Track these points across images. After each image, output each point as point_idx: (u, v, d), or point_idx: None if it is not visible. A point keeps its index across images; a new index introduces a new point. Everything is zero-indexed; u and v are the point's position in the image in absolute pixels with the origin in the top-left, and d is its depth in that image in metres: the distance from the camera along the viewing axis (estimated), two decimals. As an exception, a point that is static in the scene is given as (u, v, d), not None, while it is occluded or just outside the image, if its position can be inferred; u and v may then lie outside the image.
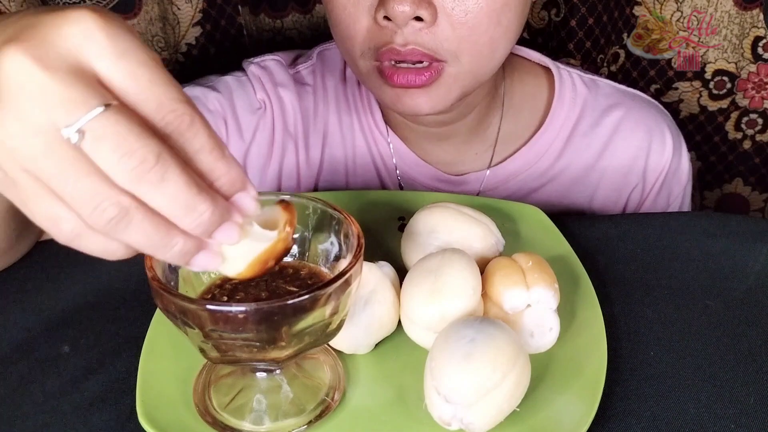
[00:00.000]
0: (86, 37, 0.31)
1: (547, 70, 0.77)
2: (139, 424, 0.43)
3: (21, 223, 0.55)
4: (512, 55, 0.77)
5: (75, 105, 0.30)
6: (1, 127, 0.31)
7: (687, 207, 0.82)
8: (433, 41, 0.58)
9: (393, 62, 0.60)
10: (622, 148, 0.76)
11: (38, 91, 0.30)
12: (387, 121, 0.75)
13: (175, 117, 0.32)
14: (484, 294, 0.49)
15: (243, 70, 0.75)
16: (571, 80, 0.76)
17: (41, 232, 0.61)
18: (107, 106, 0.30)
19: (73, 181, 0.31)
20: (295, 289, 0.45)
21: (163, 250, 0.33)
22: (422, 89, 0.61)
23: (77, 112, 0.30)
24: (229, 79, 0.73)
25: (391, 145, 0.75)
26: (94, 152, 0.30)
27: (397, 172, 0.76)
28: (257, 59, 0.75)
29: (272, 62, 0.75)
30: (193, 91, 0.70)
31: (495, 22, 0.59)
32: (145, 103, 0.31)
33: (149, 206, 0.32)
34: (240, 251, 0.36)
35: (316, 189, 0.76)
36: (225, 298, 0.44)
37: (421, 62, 0.59)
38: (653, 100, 0.80)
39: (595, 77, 0.79)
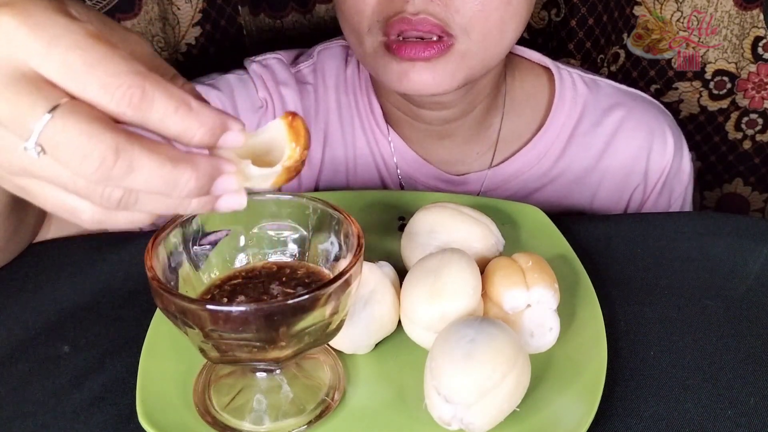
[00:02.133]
0: (9, 40, 0.29)
1: (548, 70, 0.77)
2: (139, 424, 0.43)
3: (15, 222, 0.55)
4: (513, 55, 0.77)
5: (23, 119, 0.29)
6: None
7: (688, 207, 0.82)
8: (445, 12, 0.58)
9: (401, 38, 0.59)
10: (624, 148, 0.76)
11: None
12: (388, 120, 0.75)
13: (123, 93, 0.29)
14: (484, 294, 0.49)
15: (245, 68, 0.75)
16: (571, 80, 0.76)
17: (35, 233, 0.61)
18: (54, 108, 0.29)
19: (70, 179, 0.31)
20: (292, 290, 0.45)
21: (182, 209, 0.33)
22: (429, 64, 0.60)
23: (28, 127, 0.29)
24: (231, 78, 0.73)
25: (391, 144, 0.75)
26: (58, 160, 0.30)
27: (398, 171, 0.76)
28: (259, 58, 0.75)
29: (274, 61, 0.75)
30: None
31: (505, 2, 0.59)
32: (87, 89, 0.29)
33: None
34: (258, 174, 0.35)
35: (316, 188, 0.76)
36: (225, 299, 0.44)
37: (431, 36, 0.59)
38: (654, 100, 0.80)
39: (596, 77, 0.79)
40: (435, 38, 0.59)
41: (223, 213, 0.35)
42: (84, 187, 0.31)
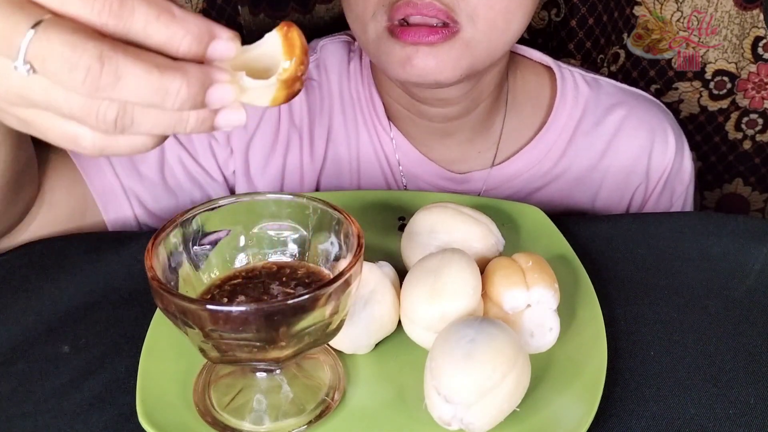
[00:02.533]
0: None
1: (549, 69, 0.77)
2: (139, 424, 0.43)
3: (13, 184, 0.55)
4: (515, 54, 0.77)
5: (10, 36, 0.29)
6: None
7: (689, 207, 0.82)
8: None
9: (406, 22, 0.59)
10: (625, 147, 0.76)
11: None
12: (390, 117, 0.75)
13: (102, 4, 0.29)
14: (484, 294, 0.49)
15: None
16: (573, 79, 0.76)
17: (33, 199, 0.61)
18: (37, 24, 0.29)
19: (63, 101, 0.30)
20: (292, 290, 0.45)
21: (180, 126, 0.32)
22: (432, 49, 0.59)
23: (15, 43, 0.29)
24: None
25: (394, 141, 0.75)
26: (47, 76, 0.30)
27: (401, 168, 0.75)
28: None
29: None
30: None
31: None
32: (67, 3, 0.29)
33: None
34: (256, 87, 0.34)
35: (318, 186, 0.76)
36: (225, 299, 0.44)
37: (436, 22, 0.58)
38: (656, 99, 0.80)
39: (597, 76, 0.79)
40: (440, 24, 0.59)
41: (224, 128, 0.33)
42: (79, 109, 0.31)
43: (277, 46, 0.34)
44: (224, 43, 0.32)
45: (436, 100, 0.69)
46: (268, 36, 0.34)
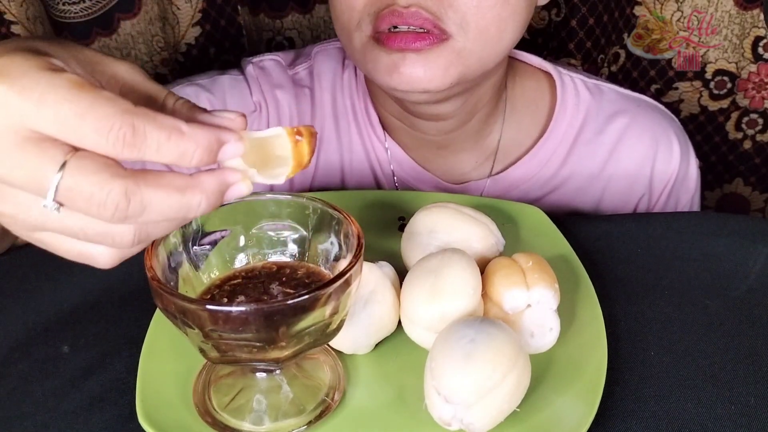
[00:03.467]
0: (3, 106, 0.30)
1: (549, 75, 0.75)
2: (139, 424, 0.43)
3: None
4: (513, 60, 0.75)
5: (38, 181, 0.31)
6: (1, 204, 0.32)
7: None
8: (438, 7, 0.56)
9: (392, 29, 0.58)
10: (628, 156, 0.74)
11: (7, 177, 0.31)
12: (385, 126, 0.73)
13: (116, 135, 0.30)
14: (484, 294, 0.49)
15: (240, 67, 0.74)
16: (573, 86, 0.74)
17: None
18: (63, 166, 0.30)
19: (80, 229, 0.32)
20: (292, 290, 0.45)
21: (193, 215, 0.34)
22: (420, 55, 0.58)
23: (44, 185, 0.31)
24: (225, 79, 0.72)
25: (389, 151, 0.73)
26: (77, 211, 0.31)
27: (395, 178, 0.74)
28: (256, 59, 0.74)
29: (270, 62, 0.74)
30: (186, 89, 0.70)
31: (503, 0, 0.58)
32: (85, 139, 0.31)
33: None
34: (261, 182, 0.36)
35: (310, 191, 0.75)
36: (225, 299, 0.44)
37: (423, 29, 0.57)
38: (660, 106, 0.78)
39: (600, 82, 0.77)
40: (427, 31, 0.57)
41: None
42: (97, 235, 0.32)
43: (285, 145, 0.36)
44: (232, 146, 0.34)
45: (430, 115, 0.68)
46: (278, 131, 0.36)
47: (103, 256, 0.35)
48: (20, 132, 0.31)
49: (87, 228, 0.32)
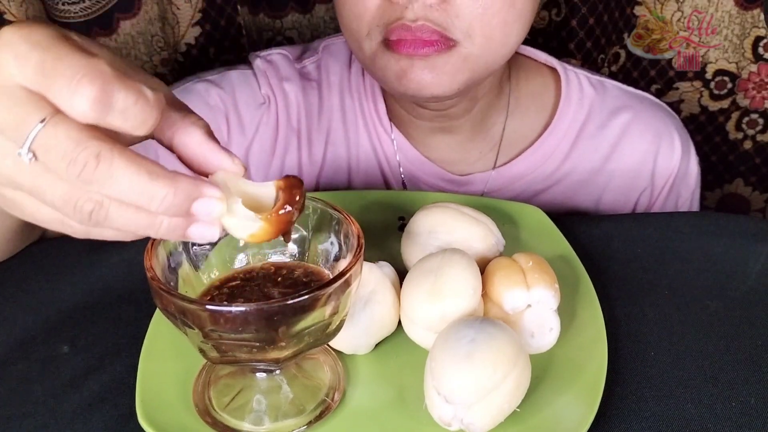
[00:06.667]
0: (15, 57, 0.31)
1: (554, 70, 0.77)
2: (139, 424, 0.43)
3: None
4: (518, 55, 0.76)
5: (19, 125, 0.31)
6: None
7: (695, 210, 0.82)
8: (445, 18, 0.57)
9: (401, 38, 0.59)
10: (630, 151, 0.75)
11: None
12: (391, 118, 0.75)
13: (84, 93, 0.30)
14: (485, 294, 0.49)
15: (249, 63, 0.75)
16: (578, 81, 0.76)
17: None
18: (46, 118, 0.31)
19: (49, 189, 0.32)
20: (292, 290, 0.45)
21: (152, 230, 0.34)
22: (429, 62, 0.59)
23: (23, 132, 0.31)
24: (234, 74, 0.73)
25: (395, 142, 0.74)
26: (48, 164, 0.31)
27: (401, 170, 0.75)
28: (263, 53, 0.75)
29: (278, 56, 0.75)
30: (196, 86, 0.70)
31: (509, 4, 0.58)
32: (75, 104, 0.31)
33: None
34: (241, 219, 0.35)
35: (317, 187, 0.76)
36: (225, 299, 0.44)
37: (432, 40, 0.58)
38: (662, 103, 0.79)
39: (603, 78, 0.78)
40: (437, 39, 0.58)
41: (196, 240, 0.35)
42: (59, 198, 0.32)
43: (272, 195, 0.37)
44: (211, 203, 0.34)
45: (434, 106, 0.69)
46: (269, 184, 0.37)
47: (73, 224, 0.34)
48: (19, 82, 0.31)
49: (54, 188, 0.32)
